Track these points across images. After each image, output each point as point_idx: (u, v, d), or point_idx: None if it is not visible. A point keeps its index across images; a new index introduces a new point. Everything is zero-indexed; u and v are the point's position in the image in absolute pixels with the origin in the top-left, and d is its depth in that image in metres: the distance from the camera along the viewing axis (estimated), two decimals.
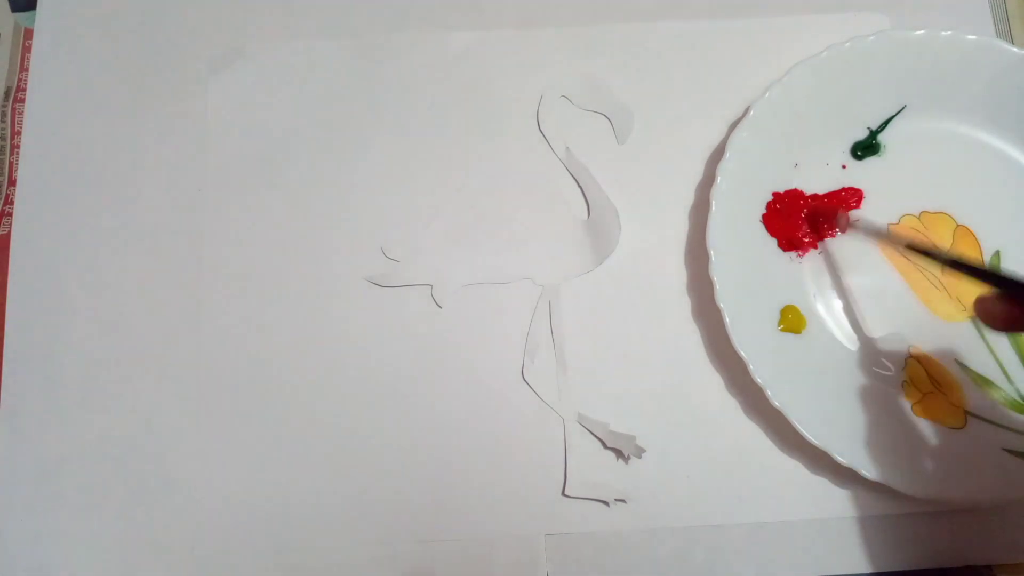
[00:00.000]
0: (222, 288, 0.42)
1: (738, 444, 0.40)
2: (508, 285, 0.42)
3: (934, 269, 0.41)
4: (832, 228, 0.41)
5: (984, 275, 0.32)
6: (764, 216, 0.41)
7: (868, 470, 0.37)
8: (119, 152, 0.44)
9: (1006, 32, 0.45)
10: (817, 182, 0.42)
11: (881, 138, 0.42)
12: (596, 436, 0.40)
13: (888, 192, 0.42)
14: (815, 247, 0.41)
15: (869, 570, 0.39)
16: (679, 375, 0.41)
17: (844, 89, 0.41)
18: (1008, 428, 0.39)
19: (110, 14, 0.46)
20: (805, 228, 0.41)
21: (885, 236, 0.39)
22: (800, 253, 0.41)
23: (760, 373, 0.38)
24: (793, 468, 0.40)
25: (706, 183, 0.42)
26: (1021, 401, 0.39)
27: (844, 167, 0.42)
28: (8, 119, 0.45)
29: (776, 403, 0.37)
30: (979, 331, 0.40)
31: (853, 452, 0.37)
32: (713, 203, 0.39)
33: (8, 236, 0.43)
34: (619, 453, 0.40)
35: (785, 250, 0.41)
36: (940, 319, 0.40)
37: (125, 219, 0.43)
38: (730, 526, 0.39)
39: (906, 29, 0.41)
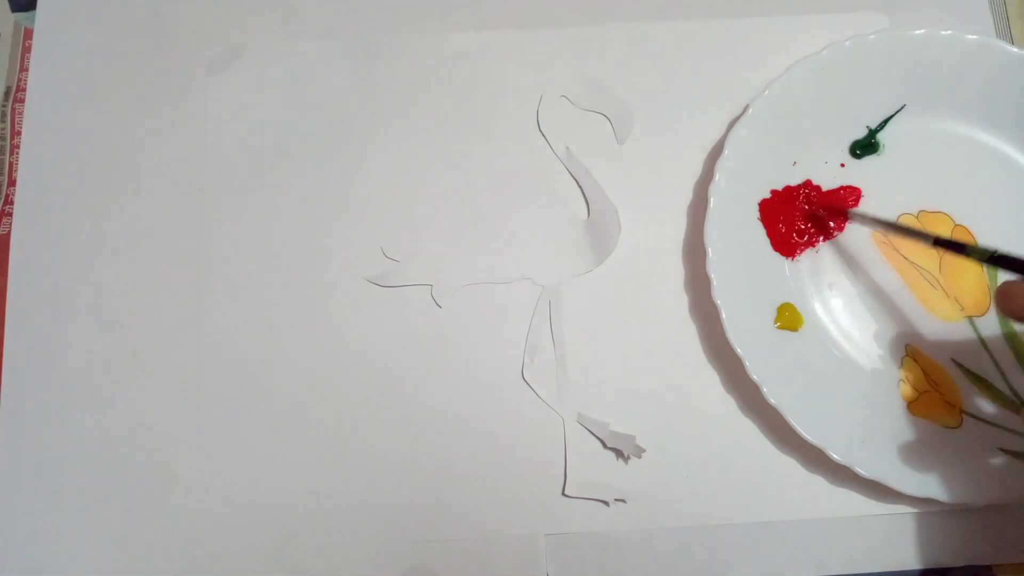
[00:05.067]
0: (222, 288, 0.42)
1: (737, 443, 0.40)
2: (508, 285, 0.42)
3: (931, 267, 0.41)
4: (839, 225, 0.41)
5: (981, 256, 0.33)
6: (762, 214, 0.41)
7: (864, 468, 0.37)
8: (119, 152, 0.44)
9: (1006, 32, 0.45)
10: (816, 180, 0.42)
11: (880, 137, 0.42)
12: (596, 436, 0.40)
13: (886, 191, 0.42)
14: (812, 246, 0.41)
15: (869, 570, 0.39)
16: (678, 374, 0.41)
17: (843, 88, 0.41)
18: (1004, 428, 0.39)
19: (110, 14, 0.46)
20: (803, 226, 0.41)
21: (884, 224, 0.39)
22: (798, 252, 0.41)
23: (756, 370, 0.38)
24: (791, 467, 0.40)
25: (705, 181, 0.42)
26: (1017, 401, 0.39)
27: (843, 165, 0.42)
28: (8, 119, 0.45)
29: (772, 400, 0.37)
30: (976, 331, 0.40)
31: (849, 450, 0.37)
32: (711, 200, 0.39)
33: (8, 236, 0.43)
34: (619, 453, 0.40)
35: (781, 253, 0.41)
36: (937, 318, 0.40)
37: (125, 219, 0.43)
38: (729, 526, 0.39)
39: (906, 28, 0.41)
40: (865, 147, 0.42)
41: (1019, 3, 0.46)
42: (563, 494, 0.40)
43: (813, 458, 0.39)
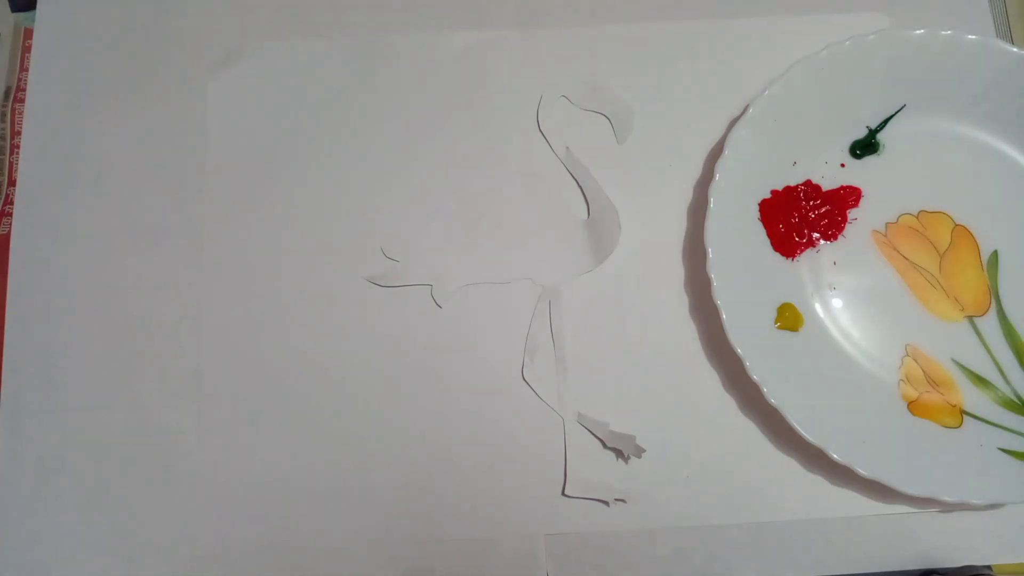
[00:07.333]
0: (222, 288, 0.42)
1: (737, 443, 0.40)
2: (508, 285, 0.42)
3: (931, 267, 0.41)
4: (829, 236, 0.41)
5: None
6: (762, 214, 0.41)
7: (864, 468, 0.37)
8: (119, 152, 0.44)
9: (1006, 32, 0.45)
10: (816, 180, 0.42)
11: (880, 137, 0.42)
12: (596, 436, 0.40)
13: (887, 191, 0.42)
14: (813, 246, 0.41)
15: (869, 570, 0.39)
16: (678, 374, 0.41)
17: (843, 88, 0.41)
18: (1005, 428, 0.39)
19: (110, 14, 0.46)
20: (802, 228, 0.41)
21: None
22: (799, 252, 0.41)
23: (756, 370, 0.38)
24: (791, 467, 0.40)
25: (705, 181, 0.42)
26: (1018, 401, 0.39)
27: (843, 165, 0.42)
28: (8, 119, 0.45)
29: (772, 400, 0.37)
30: (976, 331, 0.40)
31: (849, 450, 0.37)
32: (711, 200, 0.39)
33: (8, 236, 0.43)
34: (619, 453, 0.40)
35: (781, 253, 0.41)
36: (937, 318, 0.40)
37: (125, 219, 0.43)
38: (730, 526, 0.39)
39: (905, 28, 0.41)
40: (865, 147, 0.42)
41: (1019, 3, 0.46)
42: (563, 494, 0.40)
43: (813, 458, 0.39)
